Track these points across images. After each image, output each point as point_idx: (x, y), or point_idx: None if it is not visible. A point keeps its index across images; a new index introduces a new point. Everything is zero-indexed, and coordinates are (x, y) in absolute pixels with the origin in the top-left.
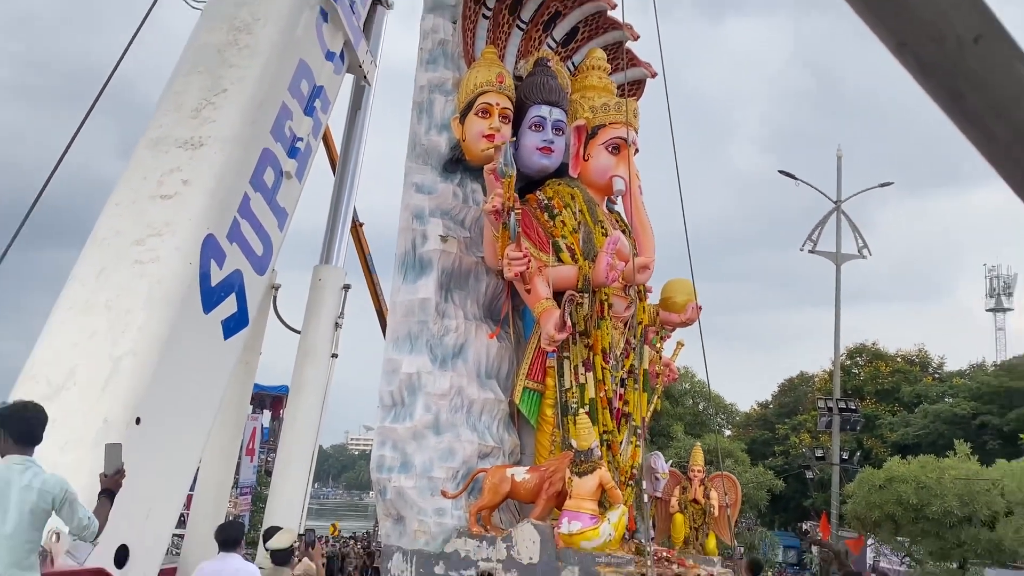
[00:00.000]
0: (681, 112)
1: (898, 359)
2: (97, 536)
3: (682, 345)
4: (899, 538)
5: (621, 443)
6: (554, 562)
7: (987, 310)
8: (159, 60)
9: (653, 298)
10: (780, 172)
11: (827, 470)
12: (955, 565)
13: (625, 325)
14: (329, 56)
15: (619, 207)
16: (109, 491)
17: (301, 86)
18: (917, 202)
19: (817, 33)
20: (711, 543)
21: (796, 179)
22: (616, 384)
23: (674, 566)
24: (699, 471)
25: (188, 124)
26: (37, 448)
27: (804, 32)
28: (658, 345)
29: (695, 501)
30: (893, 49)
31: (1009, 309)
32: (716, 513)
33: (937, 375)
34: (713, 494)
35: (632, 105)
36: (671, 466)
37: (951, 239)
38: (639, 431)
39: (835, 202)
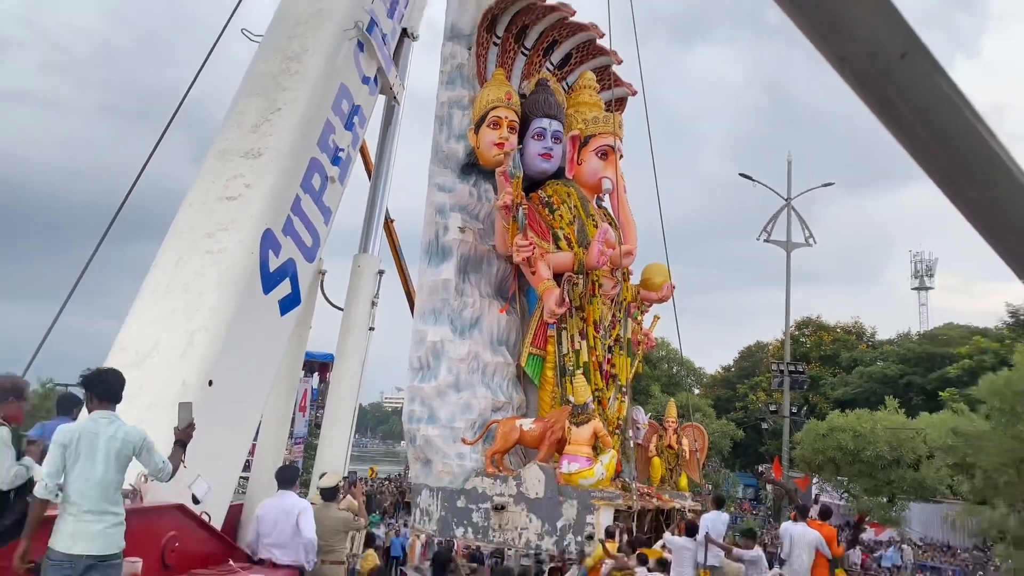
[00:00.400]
0: (657, 125)
1: (838, 330)
2: (171, 477)
3: (658, 319)
4: (839, 477)
5: (609, 399)
6: (556, 496)
7: (912, 289)
8: (223, 84)
9: (634, 279)
10: (740, 175)
11: (779, 422)
12: (885, 500)
13: (612, 301)
14: (365, 80)
15: (606, 203)
16: (181, 442)
17: (342, 105)
18: (855, 199)
19: (771, 58)
20: (683, 481)
21: (754, 180)
22: (605, 350)
23: (653, 500)
24: (672, 422)
25: (249, 138)
26: (120, 406)
27: (760, 57)
28: (639, 318)
29: (669, 447)
30: (834, 64)
31: (931, 288)
32: (687, 457)
33: (870, 343)
34: (684, 441)
35: (617, 118)
36: (649, 418)
37: (883, 230)
38: (624, 389)
39: (786, 200)
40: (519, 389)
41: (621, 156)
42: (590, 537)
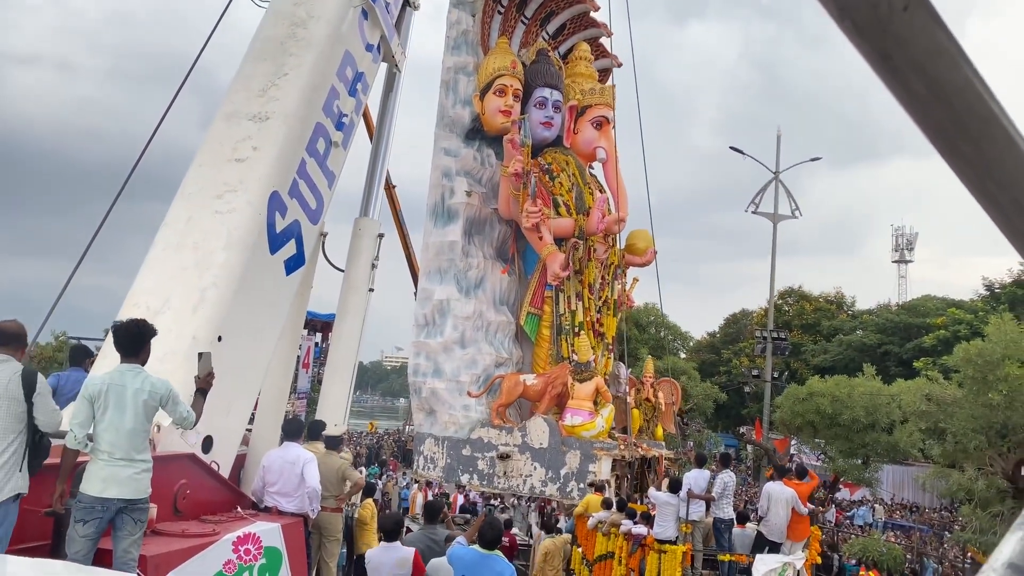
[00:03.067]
0: (651, 100)
1: (820, 299)
2: (195, 425)
3: (637, 280)
4: (816, 440)
5: (599, 356)
6: (560, 447)
7: (893, 261)
8: (231, 50)
9: (619, 244)
10: (731, 148)
11: (761, 386)
12: (860, 461)
13: (602, 265)
14: (368, 48)
15: (596, 171)
16: (202, 390)
17: (346, 72)
18: (840, 174)
19: (762, 36)
20: (659, 432)
21: (743, 154)
22: (596, 311)
23: (639, 449)
24: (650, 377)
25: (256, 102)
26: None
27: (751, 35)
28: (626, 280)
29: (647, 400)
30: (835, 15)
31: (910, 261)
32: (663, 409)
33: (850, 313)
34: (660, 395)
35: (611, 91)
36: (630, 374)
37: (865, 204)
38: (610, 347)
39: (774, 173)
40: (518, 346)
41: (613, 126)
42: (591, 485)
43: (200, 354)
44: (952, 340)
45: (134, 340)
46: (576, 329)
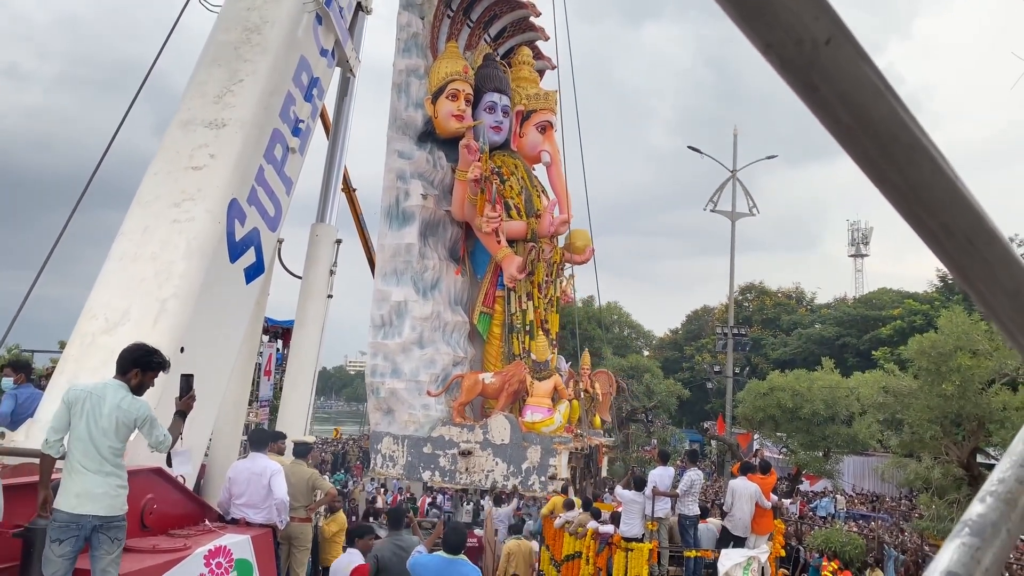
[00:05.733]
0: (607, 100)
1: (779, 295)
2: (171, 448)
3: (574, 277)
4: (778, 433)
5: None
6: (520, 442)
7: (849, 256)
8: (183, 54)
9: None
10: (689, 147)
11: (723, 381)
12: (821, 454)
13: (546, 264)
14: (323, 53)
15: (538, 173)
16: (182, 412)
17: (302, 77)
18: (795, 171)
19: (716, 36)
20: (596, 421)
21: (701, 153)
22: (543, 308)
23: (592, 440)
24: (586, 369)
25: (212, 108)
26: (95, 373)
27: (706, 35)
28: (570, 278)
29: (586, 391)
30: (761, 50)
31: (866, 255)
32: (600, 400)
33: (809, 307)
34: (597, 385)
35: (553, 96)
36: (569, 366)
37: (820, 201)
38: (554, 342)
39: (731, 171)
40: (472, 344)
41: (554, 129)
42: (552, 478)
43: (182, 375)
44: (908, 331)
45: (127, 361)
46: (527, 327)
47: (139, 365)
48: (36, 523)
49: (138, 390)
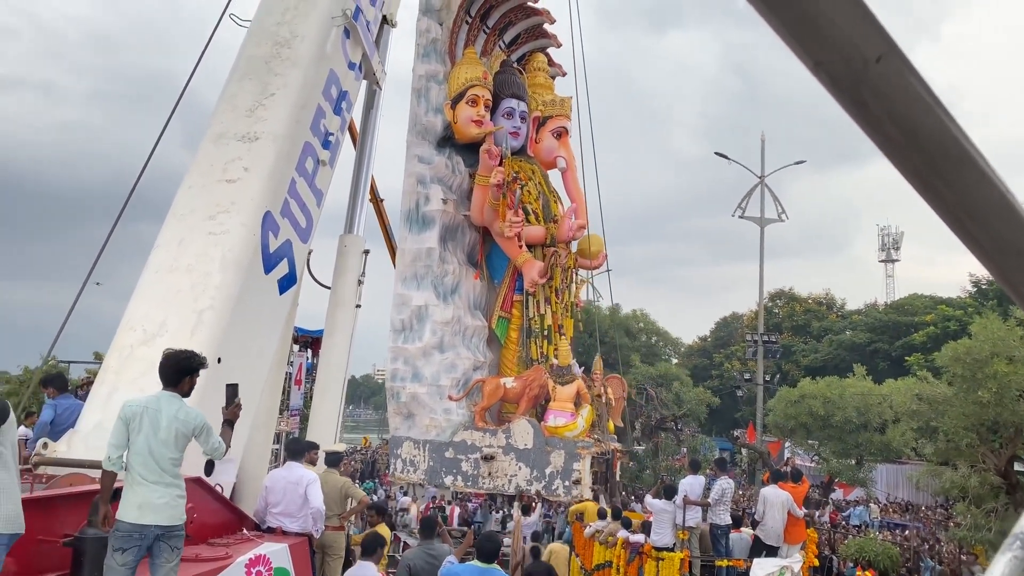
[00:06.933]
0: (631, 107)
1: (809, 301)
2: (224, 455)
3: (585, 282)
4: (810, 441)
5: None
6: (544, 447)
7: (880, 261)
8: (210, 66)
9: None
10: (716, 153)
11: (753, 389)
12: (853, 462)
13: (562, 269)
14: (351, 66)
15: (552, 179)
16: (229, 421)
17: (331, 91)
18: (823, 176)
19: (741, 43)
20: (610, 426)
21: (729, 159)
22: (560, 314)
23: (611, 445)
24: (598, 374)
25: (244, 122)
26: (135, 383)
27: (731, 42)
28: (582, 283)
29: (598, 396)
30: (810, 68)
31: (897, 260)
32: (613, 405)
33: (839, 313)
34: (609, 390)
35: (568, 102)
36: (583, 371)
37: (849, 205)
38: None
39: (760, 177)
40: (490, 349)
41: (569, 135)
42: (577, 482)
43: (228, 385)
44: (941, 337)
45: (176, 371)
46: (544, 332)
47: (187, 372)
48: (86, 532)
49: (186, 395)
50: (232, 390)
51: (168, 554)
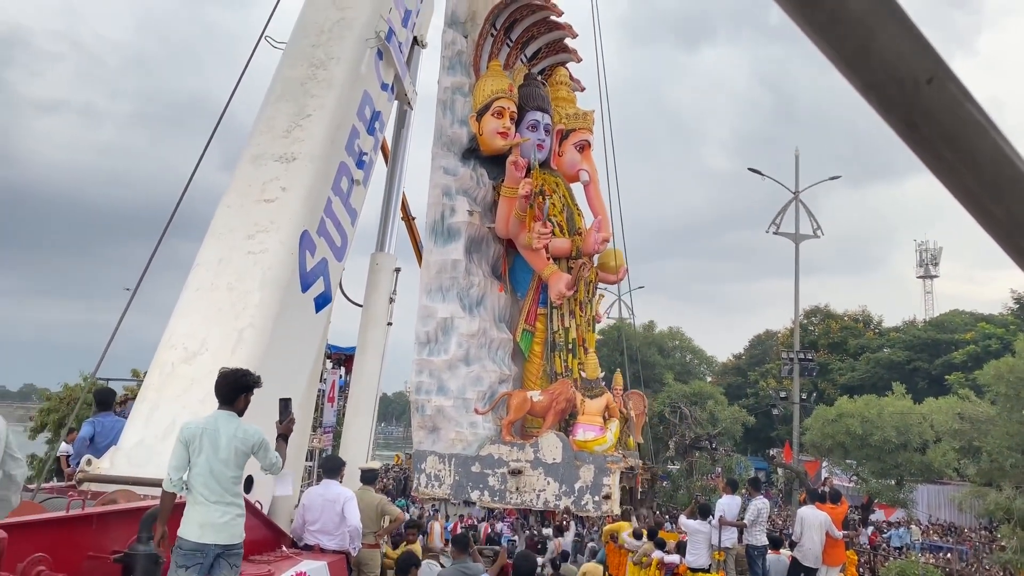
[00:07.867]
0: (663, 123)
1: (845, 318)
2: (280, 470)
3: (603, 296)
4: (848, 461)
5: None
6: (572, 461)
7: (918, 277)
8: (244, 87)
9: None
10: (750, 169)
11: (789, 408)
12: (893, 482)
13: (585, 283)
14: (384, 87)
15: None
16: (283, 436)
17: (365, 111)
18: (859, 191)
19: (772, 58)
20: (631, 442)
21: (762, 175)
22: (585, 327)
23: (634, 461)
24: (619, 389)
25: (281, 142)
26: (177, 401)
27: (762, 57)
28: (601, 296)
29: (620, 411)
30: (860, 90)
31: (935, 276)
32: (634, 421)
33: (877, 330)
34: (630, 404)
35: (591, 116)
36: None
37: (885, 221)
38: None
39: (794, 193)
40: (515, 362)
41: (592, 148)
42: (607, 497)
43: (281, 400)
44: (983, 355)
45: (232, 389)
46: (569, 345)
47: (242, 389)
48: (136, 548)
49: (241, 413)
50: (285, 404)
51: (227, 572)
